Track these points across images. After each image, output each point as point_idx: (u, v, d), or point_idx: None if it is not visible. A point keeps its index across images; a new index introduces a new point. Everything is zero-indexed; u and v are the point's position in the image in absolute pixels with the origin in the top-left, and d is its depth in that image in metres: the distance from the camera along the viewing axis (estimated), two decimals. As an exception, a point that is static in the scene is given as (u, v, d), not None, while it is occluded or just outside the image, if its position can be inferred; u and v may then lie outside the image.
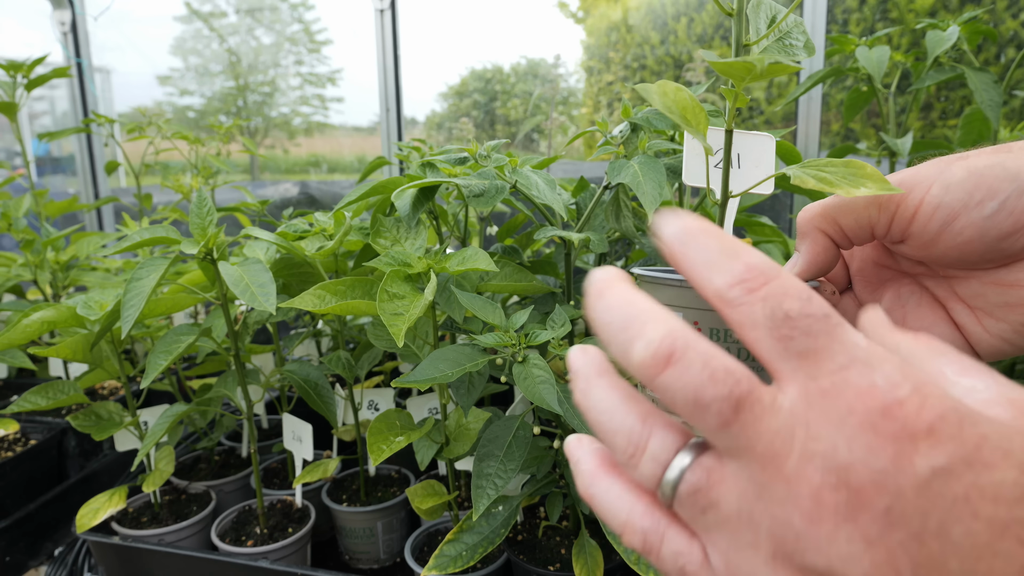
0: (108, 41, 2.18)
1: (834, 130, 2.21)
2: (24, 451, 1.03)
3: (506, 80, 2.97)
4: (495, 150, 0.71)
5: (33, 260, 1.23)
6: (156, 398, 1.20)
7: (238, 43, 2.66)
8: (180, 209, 1.42)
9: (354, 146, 2.75)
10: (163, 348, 0.73)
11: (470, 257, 0.63)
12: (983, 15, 1.07)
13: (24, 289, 1.39)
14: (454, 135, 2.63)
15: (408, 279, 0.63)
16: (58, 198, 1.53)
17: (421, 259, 0.64)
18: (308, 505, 0.91)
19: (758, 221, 0.94)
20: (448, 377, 0.57)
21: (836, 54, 1.16)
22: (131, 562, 0.83)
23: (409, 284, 0.62)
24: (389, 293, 0.60)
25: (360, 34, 1.84)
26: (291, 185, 2.16)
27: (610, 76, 2.72)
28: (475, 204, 0.65)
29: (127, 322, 0.67)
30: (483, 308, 0.63)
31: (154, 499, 0.93)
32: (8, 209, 1.26)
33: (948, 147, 1.15)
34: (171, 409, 0.82)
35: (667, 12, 2.54)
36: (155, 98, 2.77)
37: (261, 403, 1.08)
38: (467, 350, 0.61)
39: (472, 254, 0.63)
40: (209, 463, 1.05)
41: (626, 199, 0.69)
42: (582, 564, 0.64)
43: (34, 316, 0.78)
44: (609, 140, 0.67)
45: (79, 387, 0.88)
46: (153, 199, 1.55)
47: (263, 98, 2.82)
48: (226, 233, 0.78)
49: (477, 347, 0.61)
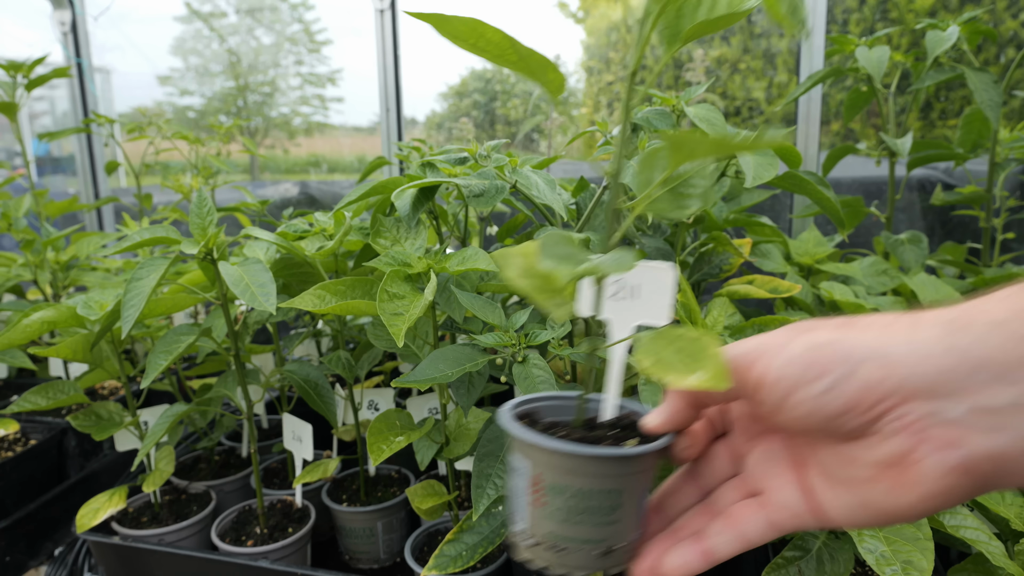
0: (108, 41, 2.18)
1: (834, 130, 2.21)
2: (24, 451, 1.03)
3: (506, 80, 2.97)
4: (495, 150, 0.71)
5: (33, 260, 1.23)
6: (156, 398, 1.20)
7: (238, 43, 2.66)
8: (180, 209, 1.42)
9: (354, 146, 2.75)
10: (163, 348, 0.73)
11: (470, 257, 0.63)
12: (983, 15, 1.07)
13: (24, 289, 1.39)
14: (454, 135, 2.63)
15: (408, 279, 0.63)
16: (58, 198, 1.53)
17: (421, 259, 0.64)
18: (308, 505, 0.91)
19: (758, 221, 0.94)
20: (448, 377, 0.57)
21: (836, 54, 1.16)
22: (131, 562, 0.83)
23: (409, 284, 0.62)
24: (389, 293, 0.60)
25: (360, 34, 1.84)
26: (291, 185, 2.16)
27: (610, 76, 2.72)
28: (475, 204, 0.65)
29: (127, 322, 0.67)
30: (483, 308, 0.63)
31: (154, 499, 0.93)
32: (8, 209, 1.26)
33: (948, 147, 1.15)
34: (171, 409, 0.82)
35: (667, 12, 2.54)
36: (155, 98, 2.77)
37: (261, 403, 1.08)
38: (467, 350, 0.61)
39: (472, 254, 0.63)
40: (209, 463, 1.05)
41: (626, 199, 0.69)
42: (582, 564, 0.64)
43: (34, 316, 0.78)
44: (609, 140, 0.67)
45: (79, 387, 0.88)
46: (153, 199, 1.55)
47: (263, 98, 2.82)
48: (226, 233, 0.78)
49: (477, 347, 0.61)
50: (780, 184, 0.79)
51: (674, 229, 0.83)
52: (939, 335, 0.29)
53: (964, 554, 0.68)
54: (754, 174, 0.64)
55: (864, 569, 0.66)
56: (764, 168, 0.66)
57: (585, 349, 0.60)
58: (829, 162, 1.23)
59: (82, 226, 1.88)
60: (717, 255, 0.87)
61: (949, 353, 0.28)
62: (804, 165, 0.86)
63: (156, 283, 0.69)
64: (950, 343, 0.28)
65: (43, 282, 1.25)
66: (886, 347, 0.29)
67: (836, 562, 0.59)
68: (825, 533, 0.62)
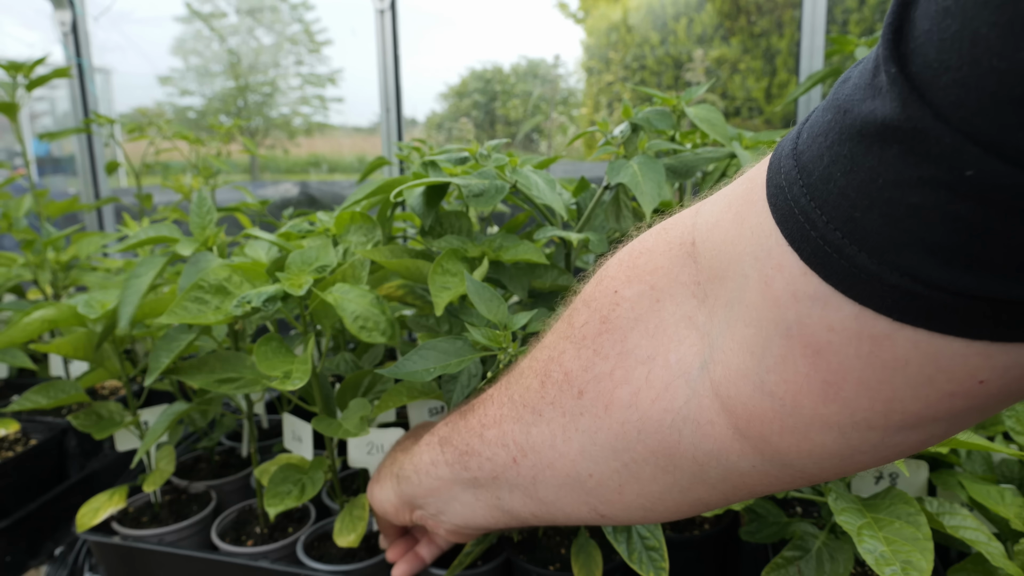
0: (108, 41, 2.18)
1: (834, 130, 2.20)
2: (25, 451, 1.03)
3: (506, 80, 2.97)
4: (495, 150, 0.71)
5: (34, 260, 1.23)
6: (157, 398, 1.20)
7: (238, 43, 2.66)
8: (181, 209, 1.43)
9: (354, 146, 2.76)
10: (165, 347, 0.73)
11: (522, 249, 0.68)
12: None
13: (25, 289, 1.39)
14: (454, 135, 2.63)
15: (464, 259, 0.68)
16: (58, 198, 1.53)
17: (477, 245, 0.70)
18: (308, 505, 0.92)
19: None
20: (429, 373, 0.58)
21: (836, 54, 1.16)
22: (131, 562, 0.83)
23: (465, 264, 0.68)
24: (443, 268, 0.65)
25: (360, 34, 1.85)
26: (291, 185, 2.16)
27: (610, 76, 2.73)
28: (475, 204, 0.65)
29: (124, 318, 0.68)
30: (488, 301, 0.61)
31: (154, 499, 0.93)
32: (9, 209, 1.26)
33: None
34: (171, 408, 0.82)
35: (667, 12, 2.55)
36: (155, 98, 2.77)
37: (261, 403, 1.08)
38: (459, 344, 0.60)
39: (525, 246, 0.68)
40: (209, 463, 1.05)
41: (626, 199, 0.69)
42: (581, 564, 0.64)
43: (35, 315, 0.78)
44: (609, 140, 0.67)
45: (80, 386, 0.88)
46: (153, 199, 1.56)
47: (263, 98, 2.82)
48: (226, 233, 0.78)
49: (467, 342, 0.61)
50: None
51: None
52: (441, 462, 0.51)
53: (964, 554, 0.68)
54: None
55: (864, 569, 0.66)
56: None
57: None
58: (829, 162, 1.23)
59: (82, 226, 1.88)
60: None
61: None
62: (804, 165, 0.86)
63: (153, 279, 0.69)
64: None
65: (43, 282, 1.25)
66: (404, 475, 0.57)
67: (836, 562, 0.59)
68: (825, 533, 0.62)
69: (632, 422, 0.33)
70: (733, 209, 0.29)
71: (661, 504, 0.35)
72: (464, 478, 0.45)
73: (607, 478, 0.35)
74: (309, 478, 0.75)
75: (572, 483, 0.37)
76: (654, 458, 0.33)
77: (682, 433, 0.31)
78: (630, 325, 0.32)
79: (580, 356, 0.34)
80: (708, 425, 0.31)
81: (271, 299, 0.61)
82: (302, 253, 0.68)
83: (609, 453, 0.34)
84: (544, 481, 0.39)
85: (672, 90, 1.21)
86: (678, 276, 0.31)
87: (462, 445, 0.45)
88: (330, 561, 0.77)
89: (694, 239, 0.31)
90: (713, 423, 0.30)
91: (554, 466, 0.37)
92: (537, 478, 0.39)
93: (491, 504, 0.44)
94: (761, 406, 0.28)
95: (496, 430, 0.41)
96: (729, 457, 0.31)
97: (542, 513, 0.41)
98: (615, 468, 0.34)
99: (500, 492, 0.43)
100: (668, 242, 0.32)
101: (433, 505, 0.51)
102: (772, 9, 2.10)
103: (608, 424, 0.34)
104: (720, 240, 0.29)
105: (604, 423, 0.34)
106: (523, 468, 0.39)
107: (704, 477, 0.32)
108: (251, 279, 0.68)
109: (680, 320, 0.31)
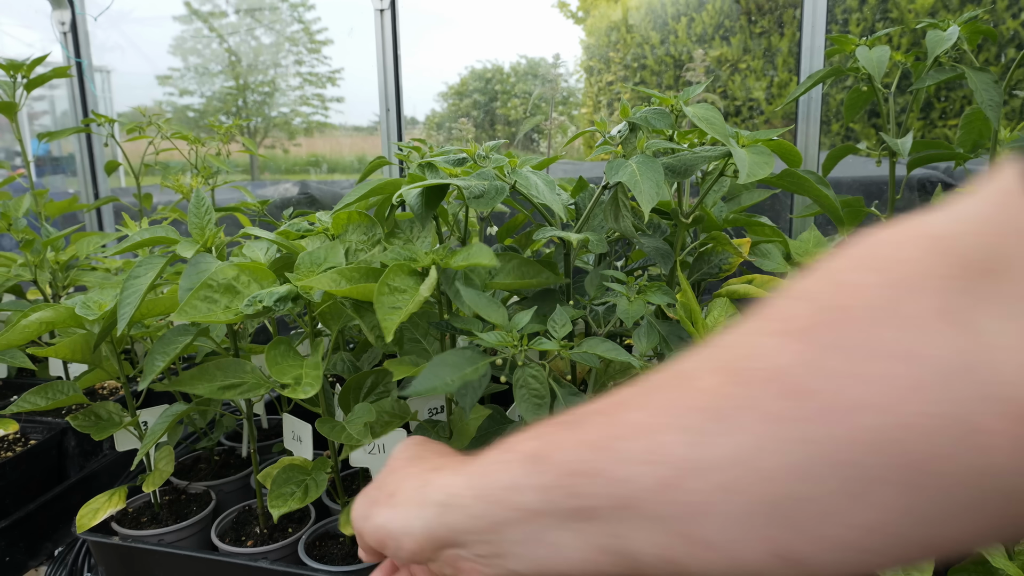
0: (108, 41, 2.18)
1: (834, 130, 2.21)
2: (24, 451, 1.03)
3: (506, 80, 2.97)
4: (495, 150, 0.71)
5: (33, 260, 1.23)
6: (156, 398, 1.20)
7: (238, 43, 2.66)
8: (180, 209, 1.42)
9: (354, 146, 2.76)
10: (161, 349, 0.73)
11: (474, 253, 0.63)
12: (983, 15, 1.07)
13: (24, 289, 1.39)
14: (454, 135, 2.63)
15: (413, 274, 0.62)
16: (58, 198, 1.53)
17: (427, 254, 0.64)
18: (308, 505, 0.91)
19: (758, 221, 0.94)
20: (450, 386, 0.56)
21: (836, 54, 1.16)
22: (131, 562, 0.83)
23: (413, 279, 0.61)
24: (390, 287, 0.59)
25: (360, 34, 1.84)
26: (291, 185, 2.16)
27: (610, 76, 2.72)
28: (475, 205, 0.65)
29: (123, 319, 0.67)
30: (487, 307, 0.62)
31: (154, 499, 0.93)
32: (8, 209, 1.26)
33: (948, 147, 1.15)
34: (170, 409, 0.82)
35: (667, 12, 2.55)
36: (155, 98, 2.77)
37: (261, 403, 1.08)
38: (468, 353, 0.60)
39: (476, 250, 0.63)
40: (209, 463, 1.05)
41: (625, 199, 0.69)
42: None
43: (33, 316, 0.78)
44: (608, 140, 0.67)
45: (79, 387, 0.88)
46: (153, 199, 1.55)
47: (263, 98, 2.82)
48: (226, 233, 0.78)
49: (478, 349, 0.61)
50: (779, 183, 0.79)
51: (673, 229, 0.83)
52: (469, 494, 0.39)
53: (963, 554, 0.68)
54: (748, 171, 0.64)
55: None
56: (759, 166, 0.66)
57: (585, 349, 0.60)
58: (829, 162, 1.23)
59: (82, 226, 1.88)
60: (716, 255, 0.87)
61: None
62: (804, 165, 0.86)
63: (152, 280, 0.69)
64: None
65: (43, 282, 1.25)
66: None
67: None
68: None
69: (868, 428, 0.27)
70: (993, 202, 0.27)
71: (887, 540, 0.28)
72: (564, 508, 0.34)
73: (817, 503, 0.28)
74: (312, 479, 0.74)
75: (761, 512, 0.29)
76: (895, 474, 0.27)
77: (939, 443, 0.26)
78: (871, 316, 0.28)
79: (796, 350, 0.29)
80: (984, 435, 0.25)
81: (282, 299, 0.61)
82: (311, 254, 0.68)
83: (828, 469, 0.28)
84: (715, 512, 0.30)
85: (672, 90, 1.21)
86: (932, 268, 0.28)
87: (573, 463, 0.34)
88: (331, 562, 0.77)
89: (946, 232, 0.28)
90: (993, 432, 0.25)
91: (738, 488, 0.29)
92: (704, 507, 0.30)
93: (600, 545, 0.34)
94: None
95: (641, 442, 0.32)
96: (1011, 477, 0.25)
97: (684, 559, 0.31)
98: (831, 489, 0.28)
99: (624, 528, 0.33)
100: (916, 235, 0.30)
101: (491, 545, 0.37)
102: (773, 9, 2.10)
103: (833, 431, 0.28)
104: (987, 232, 0.27)
105: (826, 430, 0.28)
106: (681, 493, 0.30)
107: (966, 502, 0.26)
108: (259, 279, 0.68)
109: (937, 313, 0.27)
